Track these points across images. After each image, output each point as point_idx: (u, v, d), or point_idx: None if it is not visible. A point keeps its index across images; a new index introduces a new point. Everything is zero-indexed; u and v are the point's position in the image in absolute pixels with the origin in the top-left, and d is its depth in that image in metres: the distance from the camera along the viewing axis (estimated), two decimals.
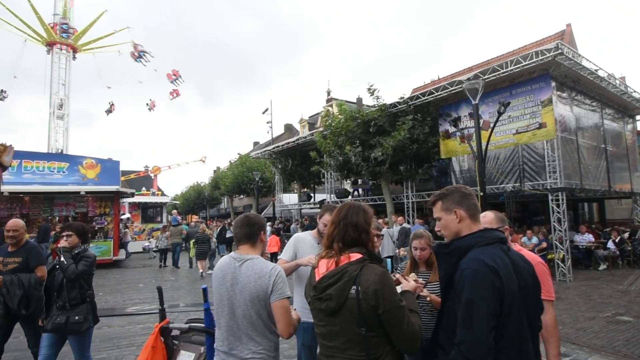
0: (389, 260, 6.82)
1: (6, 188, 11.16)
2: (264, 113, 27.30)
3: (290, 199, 22.92)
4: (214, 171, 55.14)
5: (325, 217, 2.91)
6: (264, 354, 2.06)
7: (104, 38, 27.83)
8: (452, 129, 11.86)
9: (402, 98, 12.33)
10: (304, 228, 16.74)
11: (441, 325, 1.78)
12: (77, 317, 3.40)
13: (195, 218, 40.27)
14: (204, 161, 39.24)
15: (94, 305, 3.68)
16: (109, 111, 29.78)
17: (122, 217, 18.57)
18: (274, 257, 13.31)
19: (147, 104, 30.57)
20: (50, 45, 25.51)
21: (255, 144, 48.66)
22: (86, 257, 3.58)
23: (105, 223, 15.24)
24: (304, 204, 20.44)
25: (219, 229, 14.74)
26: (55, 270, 3.52)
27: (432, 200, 1.88)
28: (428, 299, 2.44)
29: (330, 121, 14.08)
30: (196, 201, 40.33)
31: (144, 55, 28.39)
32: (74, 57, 26.74)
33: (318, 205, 19.37)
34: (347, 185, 20.47)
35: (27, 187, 14.05)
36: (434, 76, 36.12)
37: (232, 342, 2.08)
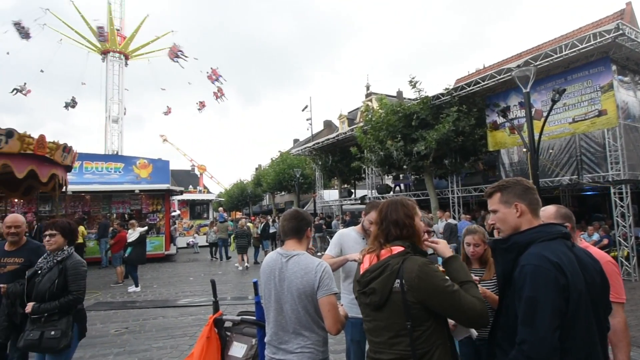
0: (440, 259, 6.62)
1: (70, 188, 12.09)
2: (303, 110, 27.52)
3: (330, 195, 22.98)
4: (256, 169, 56.47)
5: (371, 215, 2.89)
6: (312, 349, 2.08)
7: (151, 43, 29.47)
8: (500, 120, 11.30)
9: (446, 89, 11.92)
10: (345, 224, 16.73)
11: (499, 323, 1.71)
12: (53, 332, 2.85)
13: (239, 214, 41.58)
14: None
15: (80, 317, 3.14)
16: (165, 113, 31.54)
17: (173, 213, 19.53)
18: None
19: (197, 104, 31.91)
20: (104, 53, 27.48)
21: (295, 141, 49.25)
22: (74, 268, 3.03)
23: (158, 219, 16.12)
24: (345, 200, 20.42)
25: (262, 225, 15.08)
26: (36, 276, 3.02)
27: (490, 191, 1.78)
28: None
29: (370, 116, 13.92)
30: (239, 198, 41.56)
31: (182, 55, 29.51)
32: (126, 64, 28.57)
33: (359, 201, 19.27)
34: (389, 180, 20.17)
35: (88, 186, 15.18)
36: (479, 65, 34.58)
37: (281, 336, 2.11)
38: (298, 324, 2.07)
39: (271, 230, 15.06)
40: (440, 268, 1.92)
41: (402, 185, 18.68)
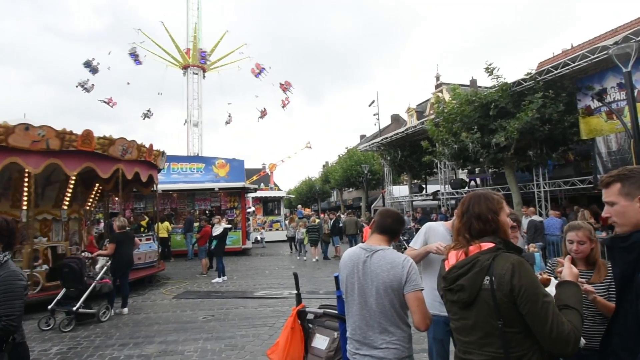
0: (537, 254, 6.15)
1: (160, 187, 13.40)
2: (370, 105, 27.22)
3: (400, 191, 22.47)
4: (323, 166, 57.24)
5: None
6: (398, 345, 2.05)
7: (226, 57, 31.66)
8: (595, 104, 10.06)
9: (528, 74, 10.91)
10: (417, 221, 16.25)
11: (615, 330, 1.53)
12: None
13: (308, 211, 42.57)
14: (310, 147, 40.76)
15: (19, 356, 2.33)
16: (227, 122, 33.64)
17: (248, 210, 20.62)
18: None
19: (260, 112, 33.52)
20: (185, 68, 30.20)
21: (362, 137, 48.95)
22: (3, 284, 2.17)
23: (235, 215, 17.16)
24: (416, 195, 19.82)
25: (332, 221, 15.27)
26: None
27: (607, 180, 1.59)
28: (592, 297, 2.09)
29: (442, 107, 13.29)
30: (308, 195, 42.55)
31: (264, 71, 31.28)
32: (204, 77, 31.02)
33: (431, 197, 18.56)
34: (463, 174, 19.14)
35: (175, 185, 16.67)
36: (565, 45, 31.15)
37: (365, 331, 2.10)
38: (383, 318, 2.05)
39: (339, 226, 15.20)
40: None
41: (478, 179, 17.60)
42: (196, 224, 14.94)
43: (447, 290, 1.69)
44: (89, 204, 10.78)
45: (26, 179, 8.13)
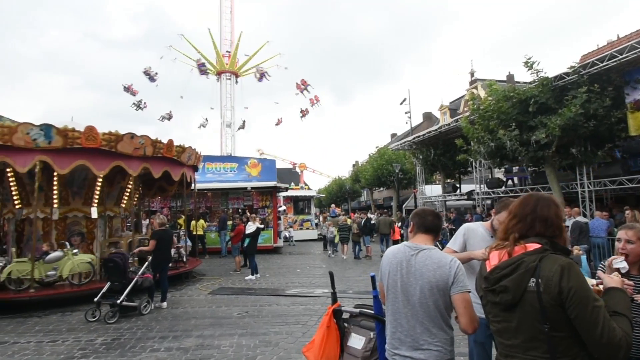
0: (583, 257, 5.86)
1: (197, 186, 13.83)
2: (401, 104, 26.80)
3: (432, 191, 21.99)
4: (353, 165, 56.98)
5: (503, 215, 2.67)
6: (440, 347, 1.99)
7: (260, 65, 32.37)
8: None
9: (571, 67, 10.36)
10: (450, 221, 15.84)
11: None
12: None
13: (338, 210, 42.51)
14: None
15: None
16: (277, 124, 34.29)
17: (280, 209, 20.88)
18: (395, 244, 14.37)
19: (301, 111, 33.90)
20: (219, 74, 31.37)
21: (393, 135, 48.34)
22: None
23: (267, 214, 17.42)
24: (449, 195, 19.33)
25: (363, 221, 15.17)
26: None
27: None
28: None
29: (477, 104, 12.88)
30: (338, 194, 42.49)
31: (265, 75, 31.99)
32: (237, 82, 31.99)
33: (465, 197, 18.05)
34: (499, 173, 18.47)
35: (209, 184, 17.14)
36: (610, 36, 29.36)
37: (406, 330, 2.05)
38: (426, 318, 2.00)
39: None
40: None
41: (515, 178, 16.93)
42: (229, 223, 15.31)
43: (489, 291, 1.63)
44: (134, 202, 11.44)
45: (100, 180, 8.97)
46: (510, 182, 17.08)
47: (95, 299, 6.43)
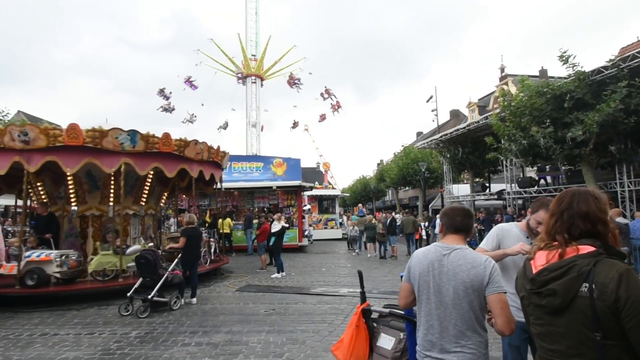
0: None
1: (223, 185, 14.09)
2: (428, 101, 26.30)
3: (460, 190, 21.47)
4: (378, 164, 56.50)
5: (540, 214, 2.58)
6: (474, 350, 1.93)
7: (285, 69, 33.01)
8: None
9: (610, 61, 9.85)
10: (479, 221, 15.42)
11: None
12: None
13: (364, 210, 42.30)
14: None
15: None
16: (293, 127, 34.67)
17: (305, 208, 20.97)
18: (417, 243, 15.05)
19: (320, 116, 34.36)
20: (245, 77, 32.02)
21: (419, 134, 47.57)
22: None
23: (292, 213, 17.54)
24: (478, 195, 18.82)
25: (388, 220, 15.02)
26: None
27: None
28: None
29: (509, 100, 12.48)
30: (362, 193, 42.24)
31: (298, 82, 32.60)
32: (262, 85, 32.58)
33: (495, 197, 17.52)
34: (532, 172, 17.81)
35: (236, 183, 17.42)
36: None
37: (439, 332, 2.00)
38: (460, 320, 1.94)
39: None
40: None
41: (549, 177, 16.29)
42: (255, 221, 15.51)
43: (534, 294, 1.56)
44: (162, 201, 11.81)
45: (149, 181, 9.71)
46: (542, 181, 16.46)
47: (128, 294, 6.67)
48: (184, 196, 15.93)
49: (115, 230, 9.28)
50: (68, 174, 8.28)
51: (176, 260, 7.31)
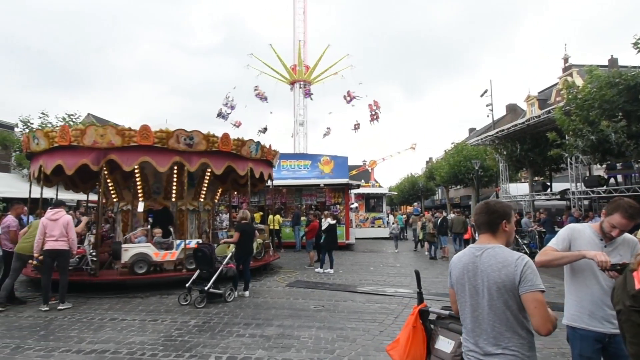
0: None
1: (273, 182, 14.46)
2: (482, 96, 25.10)
3: (518, 189, 20.26)
4: (427, 162, 54.90)
5: (615, 218, 2.40)
6: (515, 352, 1.84)
7: (329, 69, 33.37)
8: None
9: None
10: (540, 223, 14.44)
11: None
12: None
13: (410, 209, 41.35)
14: (414, 148, 39.74)
15: None
16: (326, 134, 34.85)
17: (352, 206, 20.92)
18: (466, 243, 14.51)
19: (354, 125, 34.31)
20: (292, 83, 32.97)
21: (471, 130, 45.59)
22: None
23: (339, 211, 17.56)
24: (538, 194, 17.63)
25: (439, 220, 14.54)
26: None
27: None
28: None
29: (574, 93, 11.56)
30: (410, 192, 41.29)
31: (354, 99, 32.60)
32: (310, 93, 33.12)
33: (557, 196, 16.32)
34: (600, 170, 16.37)
35: (284, 181, 17.77)
36: None
37: (478, 334, 1.94)
38: (498, 321, 1.87)
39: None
40: None
41: (619, 176, 14.87)
42: (303, 218, 15.73)
43: (635, 311, 1.42)
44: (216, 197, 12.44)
45: (207, 178, 10.44)
46: (612, 180, 15.05)
47: (187, 285, 7.04)
48: (236, 193, 16.53)
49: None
50: (191, 170, 9.08)
51: (230, 254, 7.60)
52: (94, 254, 8.42)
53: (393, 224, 19.98)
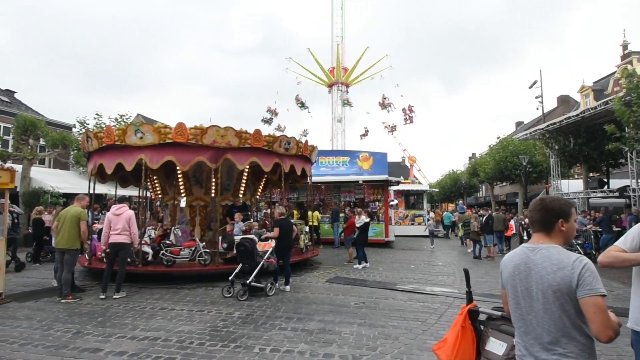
0: None
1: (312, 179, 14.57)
2: (531, 87, 23.73)
3: (570, 186, 19.01)
4: (469, 158, 52.93)
5: None
6: (573, 359, 1.70)
7: (367, 71, 33.08)
8: None
9: None
10: (595, 222, 13.47)
11: None
12: None
13: (451, 206, 40.06)
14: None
15: None
16: (363, 135, 34.53)
17: (392, 203, 20.62)
18: (507, 241, 14.78)
19: (390, 127, 33.84)
20: (330, 86, 33.00)
21: (518, 124, 43.41)
22: None
23: (378, 208, 17.36)
24: (594, 191, 16.45)
25: (484, 218, 13.97)
26: None
27: None
28: None
29: (636, 81, 10.64)
30: (452, 189, 39.97)
31: (390, 105, 32.29)
32: (347, 92, 33.07)
33: (616, 194, 15.14)
34: None
35: (323, 177, 17.80)
36: None
37: (533, 339, 1.82)
38: (553, 326, 1.75)
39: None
40: None
41: None
42: (341, 215, 15.70)
43: None
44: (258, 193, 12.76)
45: (245, 175, 10.72)
46: None
47: (230, 278, 7.26)
48: (277, 189, 16.82)
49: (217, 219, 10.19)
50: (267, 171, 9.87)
51: (271, 249, 7.74)
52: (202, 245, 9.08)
53: (428, 220, 20.02)
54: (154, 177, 10.44)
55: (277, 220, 8.23)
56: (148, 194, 14.15)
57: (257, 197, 11.60)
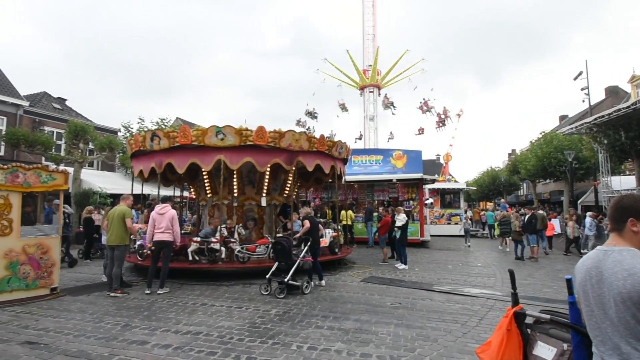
0: None
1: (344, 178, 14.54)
2: (576, 79, 22.39)
3: (622, 183, 17.79)
4: (509, 154, 50.83)
5: None
6: None
7: (401, 74, 32.92)
8: None
9: None
10: None
11: None
12: None
13: (490, 205, 38.61)
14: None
15: None
16: (390, 139, 34.37)
17: (427, 201, 20.19)
18: (549, 240, 14.38)
19: (418, 130, 33.31)
20: (362, 88, 33.01)
21: (562, 117, 41.15)
22: None
23: (412, 207, 17.04)
24: None
25: (527, 217, 13.37)
26: None
27: None
28: None
29: None
30: (490, 187, 38.54)
31: (431, 110, 31.97)
32: (379, 94, 32.97)
33: None
34: None
35: (356, 176, 17.72)
36: None
37: (610, 349, 1.68)
38: (630, 336, 1.61)
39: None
40: None
41: None
42: (375, 214, 15.55)
43: None
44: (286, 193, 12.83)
45: (267, 174, 10.79)
46: None
47: (267, 276, 7.40)
48: (310, 189, 16.95)
49: (253, 218, 10.42)
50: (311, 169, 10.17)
51: (306, 247, 7.82)
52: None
53: (464, 219, 20.04)
54: (206, 178, 10.75)
55: (306, 216, 8.39)
56: (186, 194, 14.71)
57: (285, 196, 11.79)
